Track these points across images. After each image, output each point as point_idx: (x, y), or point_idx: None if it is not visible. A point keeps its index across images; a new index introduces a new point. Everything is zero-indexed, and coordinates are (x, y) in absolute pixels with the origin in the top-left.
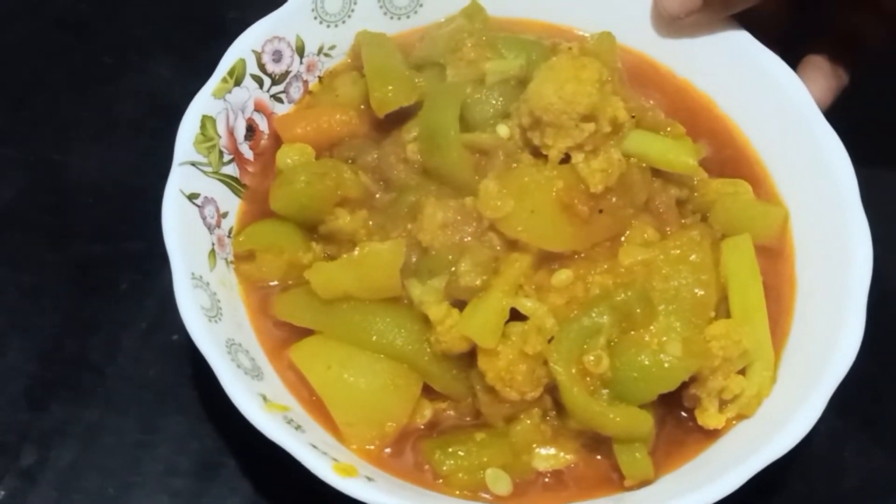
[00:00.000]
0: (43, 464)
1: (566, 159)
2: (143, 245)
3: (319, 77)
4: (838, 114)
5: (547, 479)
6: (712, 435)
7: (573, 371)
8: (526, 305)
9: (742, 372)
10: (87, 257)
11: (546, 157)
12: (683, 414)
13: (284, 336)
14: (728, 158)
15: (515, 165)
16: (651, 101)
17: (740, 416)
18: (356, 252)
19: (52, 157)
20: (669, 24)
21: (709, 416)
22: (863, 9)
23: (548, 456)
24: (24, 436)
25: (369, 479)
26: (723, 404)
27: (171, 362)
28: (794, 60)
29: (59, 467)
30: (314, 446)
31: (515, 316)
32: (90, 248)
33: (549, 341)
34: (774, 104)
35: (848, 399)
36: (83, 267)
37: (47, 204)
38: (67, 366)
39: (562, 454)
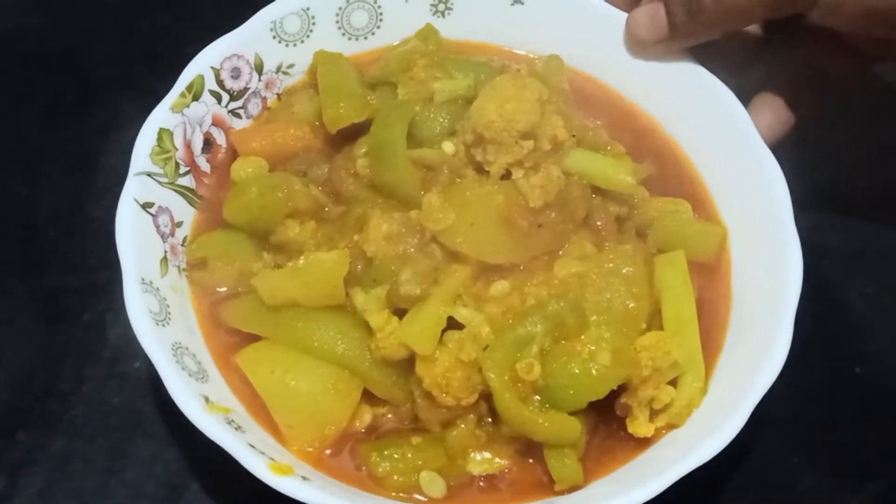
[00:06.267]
0: (11, 491)
1: (508, 175)
2: (107, 275)
3: (278, 94)
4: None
5: (481, 483)
6: (643, 443)
7: (506, 378)
8: (463, 314)
9: (673, 383)
10: (55, 289)
11: (489, 173)
12: (615, 423)
13: (234, 341)
14: (671, 178)
15: (459, 180)
16: (598, 122)
17: (670, 426)
18: (301, 261)
19: (21, 191)
20: (639, 49)
21: (639, 425)
22: (826, 43)
23: (482, 460)
24: None
25: (304, 478)
26: (653, 414)
27: (135, 389)
28: (754, 92)
29: (28, 494)
30: (252, 446)
31: (453, 324)
32: (57, 280)
33: (485, 349)
34: (718, 128)
35: (799, 405)
36: (51, 298)
37: (16, 237)
38: (35, 395)
39: (496, 459)
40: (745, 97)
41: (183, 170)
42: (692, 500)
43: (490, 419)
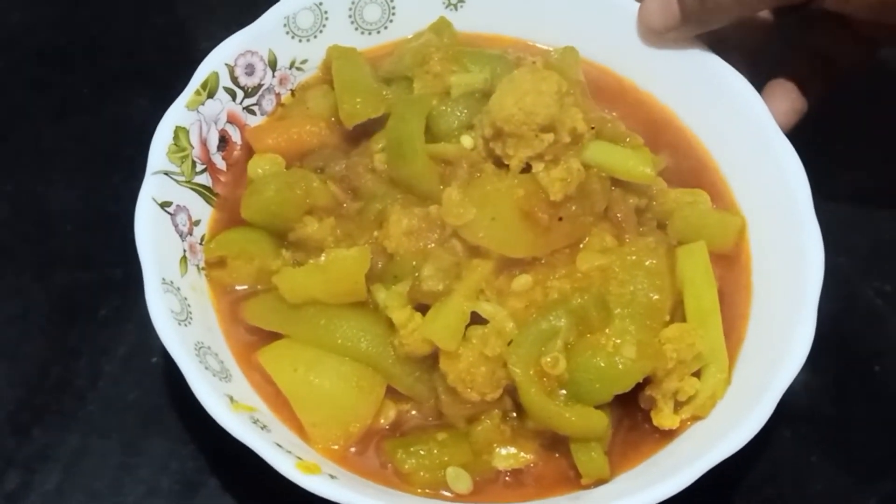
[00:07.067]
0: (27, 488)
1: (527, 169)
2: (123, 271)
3: (291, 90)
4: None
5: (507, 478)
6: (668, 436)
7: (531, 372)
8: (486, 309)
9: (697, 374)
10: (70, 285)
11: (508, 166)
12: (640, 416)
13: (254, 340)
14: (688, 169)
15: (479, 175)
16: (613, 114)
17: (695, 418)
18: (322, 258)
19: (35, 187)
20: (652, 38)
21: (664, 417)
22: (835, 30)
23: (507, 455)
24: (9, 461)
25: (332, 476)
26: (678, 406)
27: (150, 385)
28: (766, 78)
29: (44, 490)
30: (279, 445)
31: (477, 320)
32: (72, 276)
33: (509, 344)
34: (734, 118)
35: (815, 404)
36: (66, 294)
37: (29, 234)
38: (51, 392)
39: (521, 453)
40: (759, 84)
41: (199, 168)
42: (705, 497)
43: (515, 414)
